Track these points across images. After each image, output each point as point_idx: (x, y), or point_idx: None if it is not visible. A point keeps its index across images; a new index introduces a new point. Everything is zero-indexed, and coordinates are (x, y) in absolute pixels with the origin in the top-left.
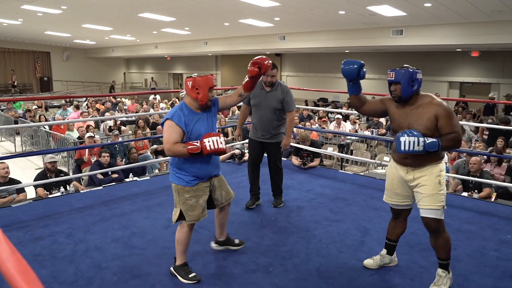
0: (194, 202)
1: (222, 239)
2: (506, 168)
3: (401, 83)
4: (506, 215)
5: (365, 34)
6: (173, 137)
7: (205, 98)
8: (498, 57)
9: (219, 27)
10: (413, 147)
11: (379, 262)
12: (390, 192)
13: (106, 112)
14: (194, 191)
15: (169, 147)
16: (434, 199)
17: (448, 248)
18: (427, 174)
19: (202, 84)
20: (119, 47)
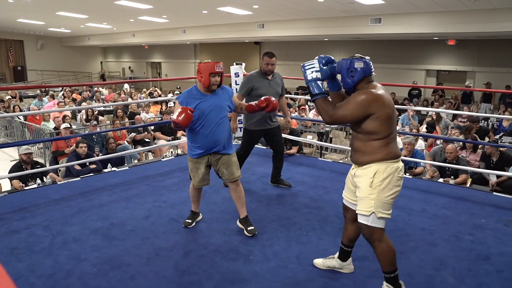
0: (194, 170)
1: (241, 216)
2: (481, 154)
3: (341, 74)
4: (480, 200)
5: (344, 22)
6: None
7: (206, 82)
8: (474, 45)
9: (197, 15)
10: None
11: (328, 263)
12: (346, 186)
13: (83, 102)
14: (193, 162)
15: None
16: (363, 203)
17: (389, 260)
18: (362, 175)
19: (203, 69)
20: (95, 36)
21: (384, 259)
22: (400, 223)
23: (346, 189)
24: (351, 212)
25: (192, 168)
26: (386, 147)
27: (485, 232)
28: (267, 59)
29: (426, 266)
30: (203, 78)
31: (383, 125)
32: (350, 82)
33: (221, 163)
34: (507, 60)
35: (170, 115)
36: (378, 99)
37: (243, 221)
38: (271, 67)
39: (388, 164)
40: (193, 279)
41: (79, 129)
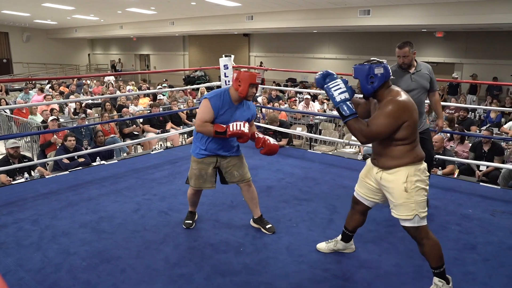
0: (197, 172)
1: (255, 216)
2: (471, 145)
3: (360, 80)
4: (468, 190)
5: (333, 14)
6: (205, 116)
7: (244, 91)
8: (461, 37)
9: (185, 7)
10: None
11: (332, 247)
12: (362, 182)
13: (71, 95)
14: (198, 162)
15: (199, 124)
16: (404, 208)
17: (437, 255)
18: (393, 180)
19: (244, 78)
20: (82, 28)
21: (433, 254)
22: (389, 214)
23: (361, 185)
24: (362, 205)
25: (195, 169)
26: (413, 150)
27: (472, 222)
28: (397, 50)
29: (414, 256)
30: (241, 87)
31: (413, 131)
32: (370, 88)
33: (232, 164)
34: (494, 52)
35: (159, 108)
36: (407, 107)
37: (258, 220)
38: (403, 59)
39: (416, 166)
40: (184, 271)
41: (67, 122)
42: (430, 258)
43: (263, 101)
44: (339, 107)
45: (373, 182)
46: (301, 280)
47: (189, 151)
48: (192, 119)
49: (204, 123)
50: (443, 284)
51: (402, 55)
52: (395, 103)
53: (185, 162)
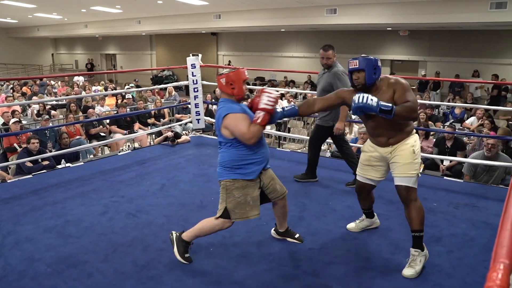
0: (241, 199)
1: (282, 230)
2: (435, 141)
3: (365, 71)
4: (432, 185)
5: (300, 13)
6: (246, 123)
7: (241, 91)
8: (425, 36)
9: (152, 5)
10: (366, 99)
11: (361, 225)
12: (367, 167)
13: (34, 96)
14: (244, 187)
15: (249, 134)
16: (408, 167)
17: (421, 218)
18: (403, 146)
19: (236, 79)
20: (45, 26)
21: (418, 216)
22: (358, 210)
23: (370, 170)
24: (369, 186)
25: (240, 196)
26: (411, 122)
27: (437, 215)
28: (322, 52)
29: (382, 251)
30: (236, 88)
31: None
32: (373, 78)
33: (272, 178)
34: (456, 50)
35: (126, 108)
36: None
37: (286, 233)
38: (325, 60)
39: (416, 135)
40: (153, 273)
41: (29, 124)
42: (415, 220)
43: None
44: (380, 108)
45: (378, 162)
46: (272, 278)
47: (158, 152)
48: (161, 119)
49: (250, 130)
50: (419, 253)
51: (326, 57)
52: (401, 80)
53: (153, 162)
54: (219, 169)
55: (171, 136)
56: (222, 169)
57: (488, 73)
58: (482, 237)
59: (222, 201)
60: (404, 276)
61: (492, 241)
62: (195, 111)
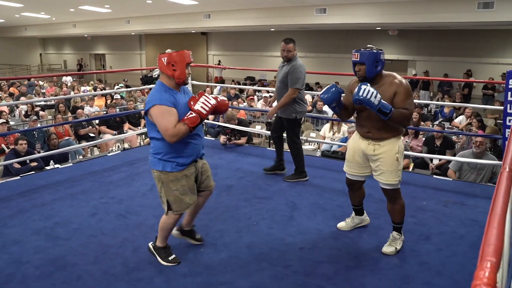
0: (179, 191)
1: (187, 228)
2: (424, 140)
3: (366, 64)
4: (422, 183)
5: (290, 12)
6: (172, 120)
7: (182, 75)
8: (414, 35)
9: (141, 5)
10: (370, 95)
11: (351, 224)
12: (351, 163)
13: (22, 96)
14: (178, 178)
15: (173, 132)
16: (392, 175)
17: (403, 213)
18: (387, 151)
19: (178, 60)
20: (33, 26)
21: (401, 211)
22: (348, 209)
23: (352, 166)
24: (358, 183)
25: (177, 189)
26: None
27: (426, 214)
28: (283, 45)
29: (372, 249)
30: (177, 70)
31: None
32: (374, 71)
33: (204, 169)
34: (444, 49)
35: (115, 109)
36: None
37: (191, 232)
38: (285, 53)
39: (402, 138)
40: (143, 275)
41: (17, 125)
42: (398, 214)
43: None
44: (380, 107)
45: (361, 157)
46: (262, 278)
47: (148, 152)
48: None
49: (175, 128)
50: (400, 237)
51: (287, 50)
52: (405, 83)
53: (143, 163)
54: (151, 158)
55: None
56: (153, 157)
57: (477, 72)
58: (471, 234)
59: (161, 194)
60: (385, 253)
61: (481, 238)
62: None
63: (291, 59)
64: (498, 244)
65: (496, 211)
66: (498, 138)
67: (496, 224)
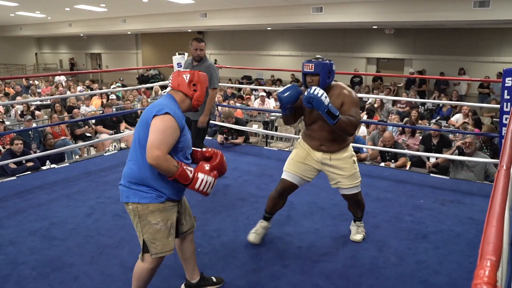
0: (161, 227)
1: (195, 280)
2: (421, 138)
3: (320, 75)
4: (419, 181)
5: (286, 11)
6: (170, 141)
7: (202, 97)
8: (410, 34)
9: (137, 4)
10: (320, 95)
11: (262, 231)
12: (297, 162)
13: (17, 96)
14: (161, 211)
15: (160, 155)
16: (354, 177)
17: (364, 207)
18: (343, 158)
19: (202, 80)
20: (28, 25)
21: (363, 208)
22: (345, 208)
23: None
24: (293, 188)
25: (157, 222)
26: None
27: (423, 212)
28: (196, 44)
29: (369, 248)
30: (198, 91)
31: None
32: (327, 82)
33: (185, 206)
34: (440, 48)
35: (111, 108)
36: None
37: (202, 281)
38: (199, 52)
39: (351, 147)
40: None
41: (13, 125)
42: (360, 211)
43: (218, 99)
44: (329, 109)
45: (314, 163)
46: (260, 277)
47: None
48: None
49: (166, 156)
50: (362, 225)
51: (200, 48)
52: (354, 94)
53: None
54: (124, 186)
55: None
56: (129, 186)
57: (473, 70)
58: (468, 233)
59: (138, 233)
60: (356, 240)
61: (478, 236)
62: None
63: (203, 58)
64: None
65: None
66: (495, 137)
67: (495, 223)
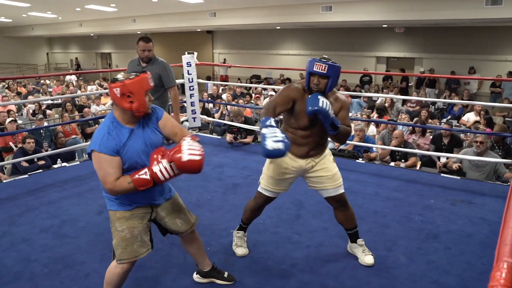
0: (126, 234)
1: (207, 268)
2: (431, 138)
3: (330, 78)
4: (429, 181)
5: (295, 10)
6: (110, 173)
7: (142, 107)
8: (420, 33)
9: (147, 4)
10: (327, 107)
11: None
12: (277, 180)
13: (29, 95)
14: (126, 219)
15: (110, 187)
16: (336, 177)
17: (354, 216)
18: (324, 158)
19: (135, 89)
20: (39, 25)
21: (353, 216)
22: (355, 208)
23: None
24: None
25: (123, 230)
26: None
27: (434, 212)
28: (143, 44)
29: (379, 248)
30: (135, 102)
31: None
32: (333, 86)
33: (171, 211)
34: (451, 46)
35: None
36: None
37: (213, 272)
38: (147, 53)
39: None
40: (150, 273)
41: (25, 124)
42: (350, 220)
43: (228, 98)
44: (333, 121)
45: (293, 174)
46: (269, 276)
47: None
48: None
49: (116, 182)
50: (363, 242)
51: (147, 49)
52: (346, 99)
53: None
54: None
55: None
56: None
57: (484, 69)
58: (479, 233)
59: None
60: (369, 264)
61: (489, 237)
62: (191, 110)
63: (152, 58)
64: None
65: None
66: (507, 136)
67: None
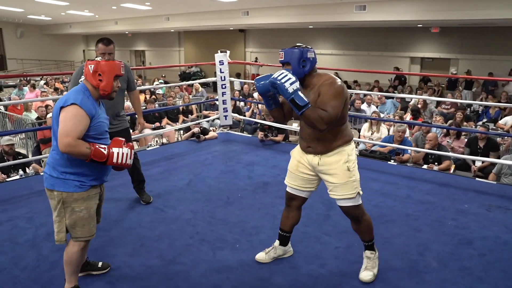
0: (85, 214)
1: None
2: (466, 141)
3: (291, 64)
4: (463, 186)
5: (329, 9)
6: (78, 128)
7: (108, 87)
8: (457, 33)
9: (181, 2)
10: (285, 80)
11: (272, 254)
12: (293, 175)
13: (66, 91)
14: (85, 199)
15: (71, 142)
16: (347, 187)
17: (371, 229)
18: (333, 162)
19: (106, 70)
20: (77, 23)
21: (368, 228)
22: (385, 210)
23: (294, 178)
24: (299, 199)
25: (81, 210)
26: (347, 130)
27: (468, 217)
28: (103, 47)
29: (410, 251)
30: (104, 81)
31: (346, 109)
32: (301, 72)
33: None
34: (489, 47)
35: (154, 104)
36: (344, 86)
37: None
38: (108, 56)
39: (351, 145)
40: (180, 268)
41: None
42: (366, 233)
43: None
44: (293, 97)
45: (308, 170)
46: (298, 276)
47: (185, 147)
48: (189, 115)
49: (78, 140)
50: (374, 255)
51: (108, 52)
52: (337, 83)
53: (181, 158)
54: (48, 174)
55: (197, 132)
56: (53, 174)
57: None
58: None
59: (59, 218)
60: (363, 280)
61: None
62: (223, 108)
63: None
64: None
65: None
66: None
67: None
